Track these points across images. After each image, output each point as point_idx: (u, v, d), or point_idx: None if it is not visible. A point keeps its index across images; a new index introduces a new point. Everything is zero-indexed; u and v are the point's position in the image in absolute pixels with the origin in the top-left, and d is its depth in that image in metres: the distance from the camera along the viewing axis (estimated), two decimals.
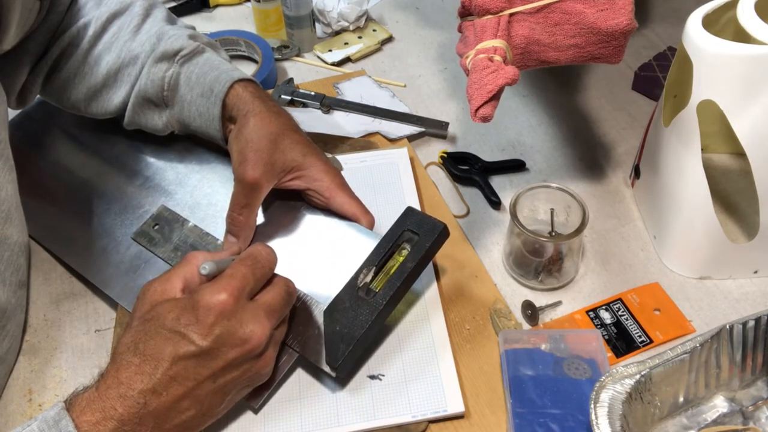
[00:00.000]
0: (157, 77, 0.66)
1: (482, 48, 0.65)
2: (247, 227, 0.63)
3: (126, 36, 0.68)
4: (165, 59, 0.66)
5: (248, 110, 0.63)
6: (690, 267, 0.69)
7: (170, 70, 0.66)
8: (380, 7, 1.08)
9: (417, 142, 0.86)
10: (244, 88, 0.65)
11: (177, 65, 0.66)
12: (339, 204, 0.64)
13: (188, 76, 0.66)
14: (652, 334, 0.65)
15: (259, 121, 0.62)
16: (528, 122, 0.88)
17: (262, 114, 0.63)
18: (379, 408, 0.58)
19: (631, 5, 0.64)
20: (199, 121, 0.66)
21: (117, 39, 0.68)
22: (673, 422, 0.57)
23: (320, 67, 0.98)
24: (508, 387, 0.59)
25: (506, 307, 0.66)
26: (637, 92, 0.91)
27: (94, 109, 0.70)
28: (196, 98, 0.66)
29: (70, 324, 0.67)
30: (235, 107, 0.64)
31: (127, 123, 0.70)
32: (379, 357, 0.62)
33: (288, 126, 0.64)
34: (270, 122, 0.62)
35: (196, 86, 0.66)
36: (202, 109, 0.65)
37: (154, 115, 0.68)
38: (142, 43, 0.67)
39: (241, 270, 0.52)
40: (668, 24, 1.01)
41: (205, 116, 0.66)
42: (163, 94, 0.66)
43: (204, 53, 0.68)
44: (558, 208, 0.69)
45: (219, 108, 0.64)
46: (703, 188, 0.64)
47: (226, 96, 0.64)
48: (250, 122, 0.62)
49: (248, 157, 0.60)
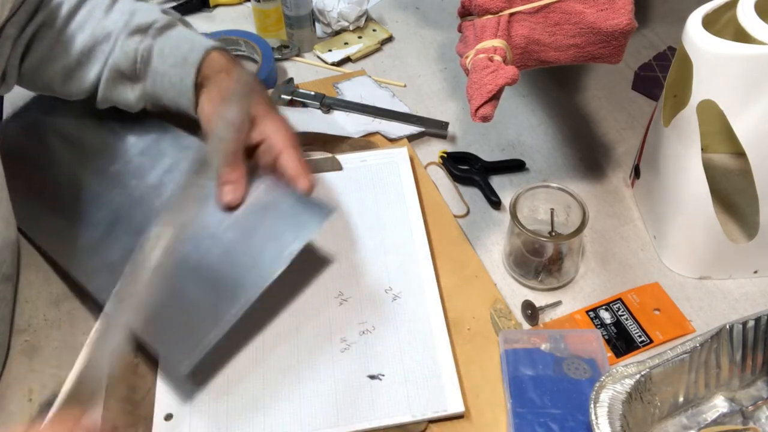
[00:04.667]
0: (131, 50, 0.66)
1: (482, 48, 0.65)
2: (239, 172, 0.62)
3: (99, 15, 0.68)
4: (138, 32, 0.67)
5: (222, 69, 0.65)
6: (690, 267, 0.69)
7: (143, 43, 0.66)
8: (380, 7, 1.08)
9: (417, 142, 0.86)
10: (220, 55, 0.66)
11: (150, 38, 0.67)
12: (285, 161, 0.63)
13: (161, 48, 0.67)
14: (652, 334, 0.65)
15: (233, 76, 0.65)
16: (528, 122, 0.88)
17: (235, 72, 0.66)
18: (378, 408, 0.58)
19: (631, 5, 0.64)
20: (172, 92, 0.67)
21: (91, 17, 0.68)
22: (673, 422, 0.57)
23: (320, 67, 0.98)
24: (508, 387, 0.59)
25: (506, 307, 0.66)
26: (637, 92, 0.91)
27: (69, 89, 0.70)
28: (168, 69, 0.66)
29: (70, 324, 0.67)
30: (210, 69, 0.65)
31: (100, 100, 0.70)
32: (379, 357, 0.62)
33: (257, 86, 0.66)
34: (242, 79, 0.65)
35: (170, 57, 0.66)
36: (174, 79, 0.66)
37: (127, 89, 0.68)
38: (115, 21, 0.68)
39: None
40: (668, 24, 1.01)
41: (177, 86, 0.66)
42: (135, 66, 0.67)
43: (177, 27, 0.69)
44: (558, 208, 0.69)
45: (193, 76, 0.65)
46: (703, 188, 0.64)
47: (202, 63, 0.65)
48: (221, 78, 0.65)
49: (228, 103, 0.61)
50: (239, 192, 0.62)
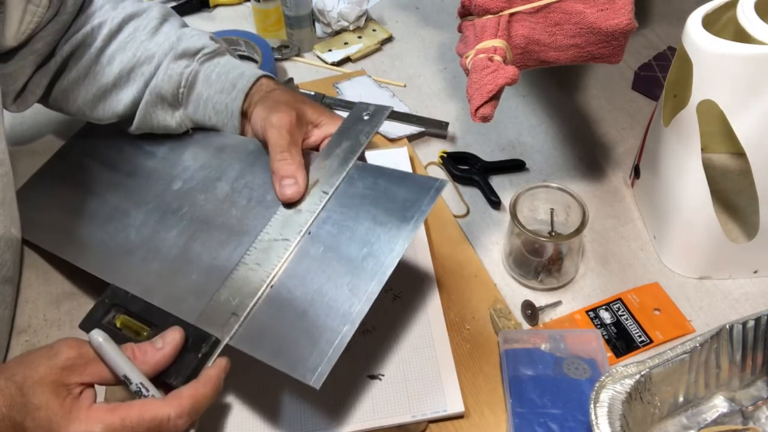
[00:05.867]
0: (175, 73, 0.65)
1: (482, 48, 0.65)
2: (299, 164, 0.59)
3: (143, 36, 0.67)
4: (185, 57, 0.66)
5: (273, 89, 0.64)
6: (690, 267, 0.69)
7: (189, 68, 0.65)
8: (380, 7, 1.08)
9: (417, 141, 0.86)
10: (269, 81, 0.65)
11: (197, 63, 0.66)
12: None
13: (208, 74, 0.66)
14: (651, 334, 0.65)
15: (285, 91, 0.64)
16: (528, 122, 0.88)
17: (285, 89, 0.64)
18: (378, 408, 0.58)
19: (631, 5, 0.64)
20: (215, 119, 0.66)
21: (133, 39, 0.67)
22: (673, 422, 0.57)
23: (320, 67, 0.98)
24: (507, 387, 0.59)
25: (506, 307, 0.66)
26: (637, 92, 0.91)
27: (100, 112, 0.69)
28: (213, 95, 0.65)
29: (70, 324, 0.67)
30: (258, 94, 0.64)
31: (136, 126, 0.68)
32: (379, 357, 0.62)
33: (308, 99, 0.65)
34: (295, 93, 0.64)
35: (216, 83, 0.65)
36: (219, 106, 0.65)
37: (166, 115, 0.67)
38: (160, 44, 0.67)
39: (201, 391, 0.49)
40: (668, 24, 1.02)
41: (222, 114, 0.65)
42: (178, 91, 0.66)
43: (225, 55, 0.68)
44: (558, 208, 0.69)
45: (240, 101, 0.64)
46: (703, 188, 0.64)
47: (251, 88, 0.64)
48: (275, 92, 0.63)
49: (280, 108, 0.60)
50: (300, 186, 0.58)
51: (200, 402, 0.48)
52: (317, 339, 0.51)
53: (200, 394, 0.48)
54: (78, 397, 0.46)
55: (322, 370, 0.49)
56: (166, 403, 0.47)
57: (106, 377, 0.48)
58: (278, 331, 0.52)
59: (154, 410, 0.46)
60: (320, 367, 0.49)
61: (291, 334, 0.52)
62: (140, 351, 0.49)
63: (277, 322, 0.53)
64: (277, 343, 0.52)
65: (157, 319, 0.54)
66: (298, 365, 0.50)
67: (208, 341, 0.52)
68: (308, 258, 0.55)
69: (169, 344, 0.50)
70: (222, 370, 0.51)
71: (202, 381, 0.49)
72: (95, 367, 0.48)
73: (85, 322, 0.54)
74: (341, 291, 0.53)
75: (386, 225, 0.55)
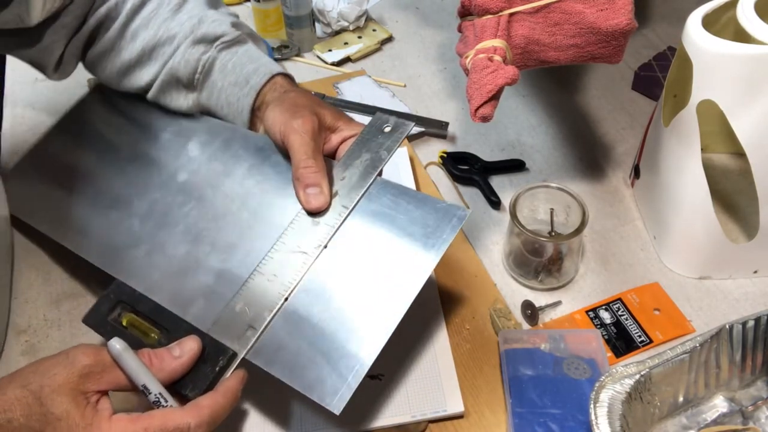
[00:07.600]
0: (193, 59, 0.65)
1: (482, 48, 0.65)
2: (324, 172, 0.57)
3: (165, 14, 0.67)
4: (204, 42, 0.65)
5: (287, 89, 0.63)
6: (690, 267, 0.69)
7: (207, 54, 0.65)
8: (380, 7, 1.08)
9: (417, 141, 0.86)
10: (284, 79, 0.64)
11: (215, 50, 0.65)
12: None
13: (224, 63, 0.65)
14: (651, 334, 0.65)
15: (301, 93, 0.62)
16: (528, 122, 0.88)
17: (301, 91, 0.63)
18: (378, 408, 0.58)
19: (630, 5, 0.64)
20: (227, 110, 0.65)
21: (156, 15, 0.67)
22: (673, 422, 0.57)
23: (320, 67, 0.98)
24: (507, 387, 0.59)
25: (506, 307, 0.66)
26: (637, 92, 0.91)
27: (126, 85, 0.69)
28: (227, 86, 0.64)
29: (70, 324, 0.67)
30: (271, 93, 0.63)
31: (151, 96, 0.68)
32: (379, 357, 0.61)
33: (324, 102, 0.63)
34: (311, 96, 0.62)
35: (231, 74, 0.64)
36: (232, 98, 0.65)
37: (180, 96, 0.67)
38: (182, 23, 0.66)
39: (220, 402, 0.48)
40: (668, 24, 1.02)
41: (234, 106, 0.65)
42: (194, 76, 0.65)
43: (245, 44, 0.67)
44: (558, 208, 0.69)
45: (252, 98, 0.63)
46: (703, 188, 0.64)
47: (264, 86, 0.63)
48: (291, 94, 0.62)
49: (302, 113, 0.58)
50: (325, 196, 0.56)
51: (219, 412, 0.48)
52: (336, 362, 0.50)
53: (219, 404, 0.48)
54: (96, 405, 0.46)
55: (342, 394, 0.49)
56: (186, 412, 0.46)
57: (123, 385, 0.47)
58: (295, 348, 0.51)
59: (176, 420, 0.45)
60: (341, 392, 0.49)
61: (309, 353, 0.51)
62: (157, 358, 0.48)
63: (295, 339, 0.51)
64: (294, 361, 0.51)
65: (168, 323, 0.53)
66: (316, 386, 0.49)
67: (226, 354, 0.51)
68: (325, 274, 0.54)
69: (187, 354, 0.49)
70: (240, 381, 0.50)
71: (221, 391, 0.49)
72: (112, 375, 0.47)
73: (89, 317, 0.53)
74: (360, 314, 0.52)
75: (407, 250, 0.54)
